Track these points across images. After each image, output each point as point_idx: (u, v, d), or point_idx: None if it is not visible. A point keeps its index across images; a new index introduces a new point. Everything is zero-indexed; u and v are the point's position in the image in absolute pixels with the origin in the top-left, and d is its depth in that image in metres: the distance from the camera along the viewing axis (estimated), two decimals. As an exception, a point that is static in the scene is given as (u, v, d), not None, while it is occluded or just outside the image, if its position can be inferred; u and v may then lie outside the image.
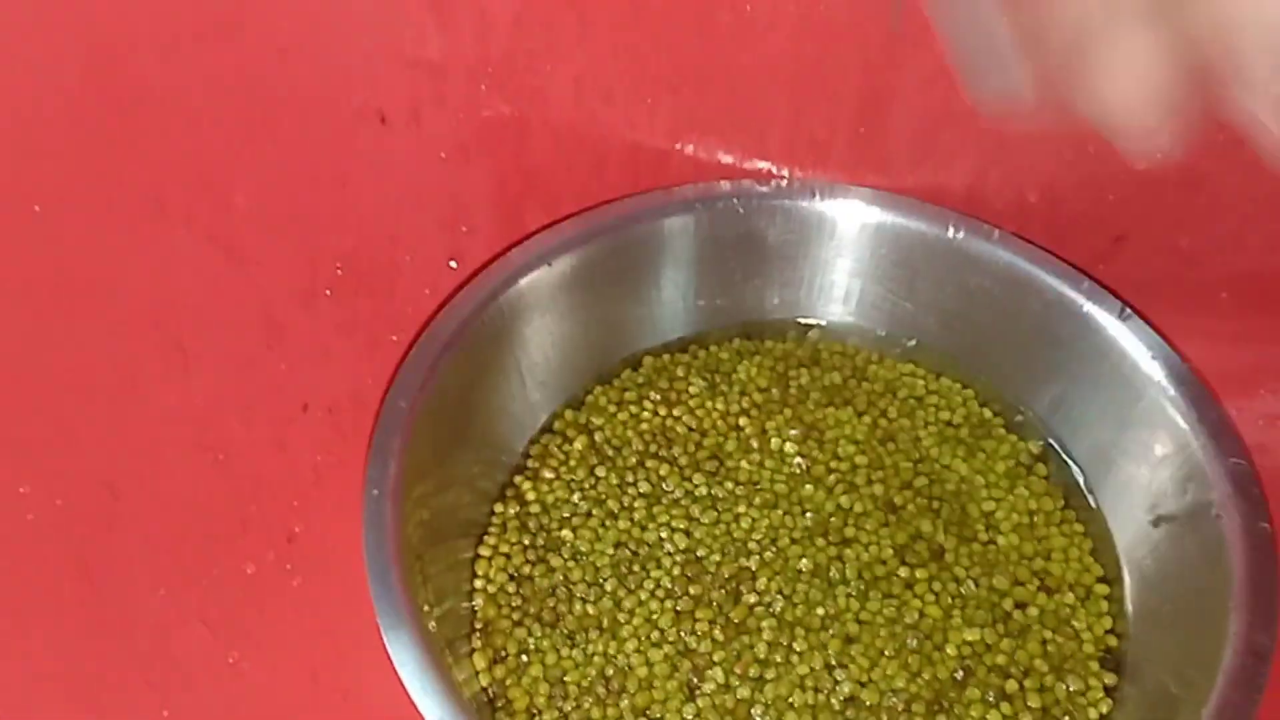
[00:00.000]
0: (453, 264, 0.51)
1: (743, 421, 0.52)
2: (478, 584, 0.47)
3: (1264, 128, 0.30)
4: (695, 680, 0.45)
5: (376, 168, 0.50)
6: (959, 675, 0.45)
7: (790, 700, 0.44)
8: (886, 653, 0.46)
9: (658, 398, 0.53)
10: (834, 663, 0.45)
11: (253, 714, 0.41)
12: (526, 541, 0.48)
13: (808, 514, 0.49)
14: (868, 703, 0.44)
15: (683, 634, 0.46)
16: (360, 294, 0.50)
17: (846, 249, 0.54)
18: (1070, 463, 0.52)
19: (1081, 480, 0.51)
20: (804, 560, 0.48)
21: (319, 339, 0.49)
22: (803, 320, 0.56)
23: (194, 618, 0.43)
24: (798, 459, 0.51)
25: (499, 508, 0.49)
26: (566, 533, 0.48)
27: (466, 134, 0.50)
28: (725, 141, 0.53)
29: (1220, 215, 0.52)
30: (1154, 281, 0.52)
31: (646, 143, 0.52)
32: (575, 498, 0.49)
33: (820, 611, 0.46)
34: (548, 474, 0.50)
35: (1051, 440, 0.52)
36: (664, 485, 0.50)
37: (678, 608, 0.46)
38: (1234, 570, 0.43)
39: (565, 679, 0.45)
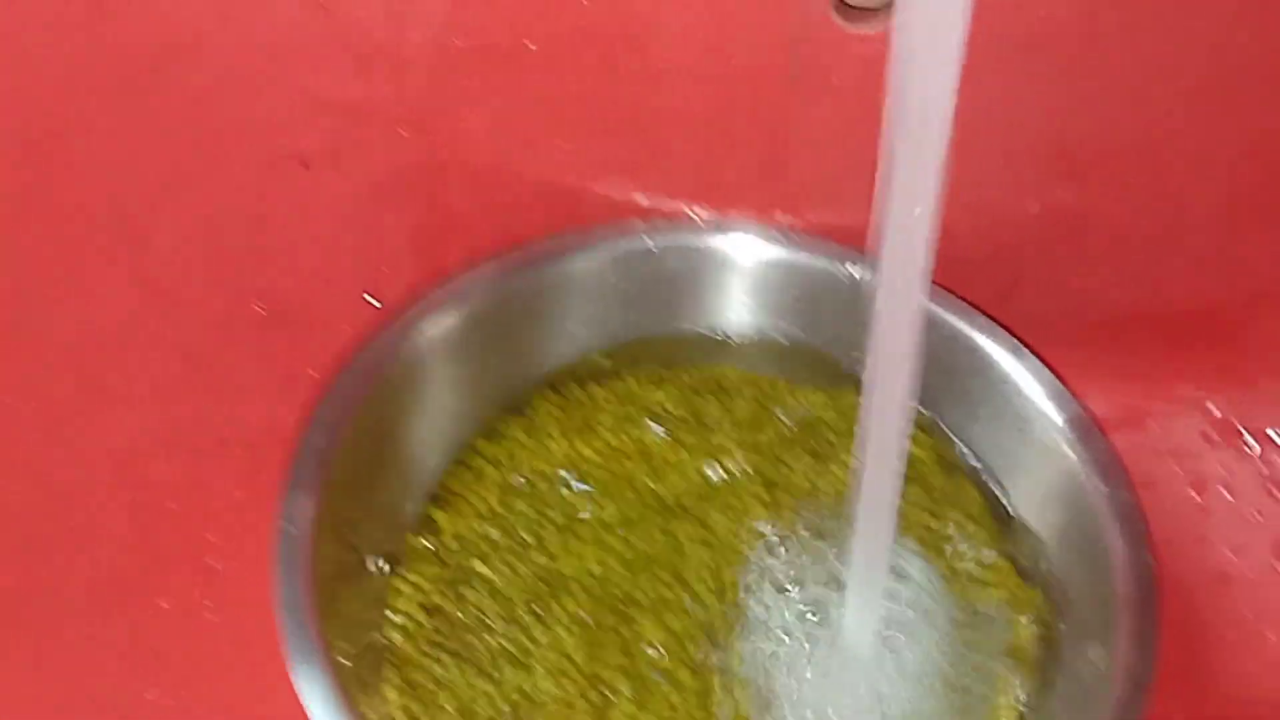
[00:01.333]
0: (372, 301, 0.52)
1: (655, 447, 0.54)
2: (391, 616, 0.48)
3: None
4: (606, 711, 0.46)
5: (295, 208, 0.51)
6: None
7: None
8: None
9: (571, 428, 0.54)
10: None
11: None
12: (440, 573, 0.49)
13: (721, 535, 0.51)
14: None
15: (595, 664, 0.47)
16: (279, 331, 0.51)
17: (754, 284, 0.56)
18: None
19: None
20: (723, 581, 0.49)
21: (237, 375, 0.50)
22: (713, 351, 0.58)
23: (110, 653, 0.43)
24: (712, 482, 0.53)
25: (413, 539, 0.50)
26: (479, 564, 0.50)
27: (385, 176, 0.51)
28: (638, 182, 0.54)
29: (1111, 257, 0.55)
30: (1048, 320, 0.55)
31: (562, 184, 0.54)
32: (489, 529, 0.51)
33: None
34: (463, 506, 0.51)
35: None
36: (578, 515, 0.51)
37: (590, 638, 0.48)
38: (1117, 600, 0.45)
39: (476, 711, 0.46)
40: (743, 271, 0.56)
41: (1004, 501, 0.53)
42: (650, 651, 0.48)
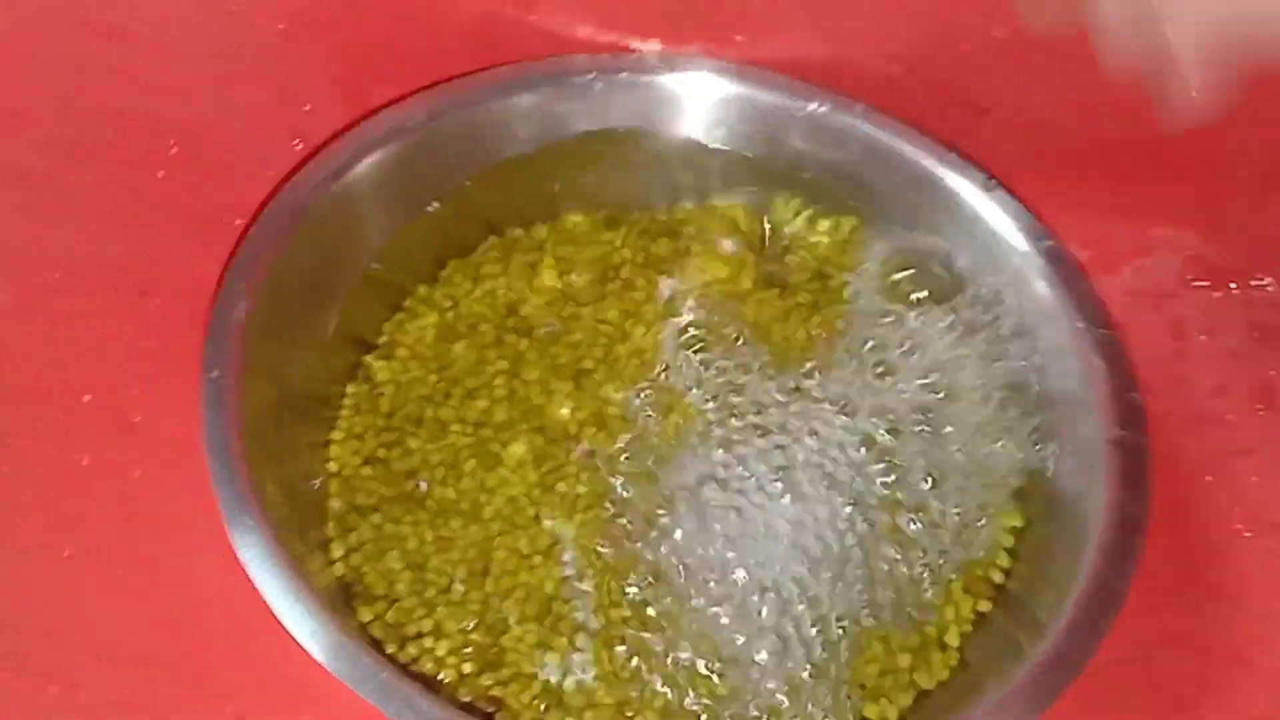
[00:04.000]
0: (297, 144, 0.49)
1: (607, 289, 0.51)
2: (330, 468, 0.45)
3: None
4: (560, 552, 0.44)
5: (208, 41, 0.47)
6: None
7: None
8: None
9: (515, 271, 0.51)
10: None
11: (91, 609, 0.39)
12: (381, 424, 0.46)
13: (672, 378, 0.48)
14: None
15: (549, 508, 0.45)
16: (197, 174, 0.47)
17: (708, 122, 0.52)
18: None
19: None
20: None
21: (154, 223, 0.46)
22: (666, 191, 0.54)
23: (26, 510, 0.40)
24: (663, 324, 0.50)
25: (351, 388, 0.47)
26: (427, 411, 0.47)
27: (305, 4, 0.47)
28: (579, 14, 0.51)
29: (1083, 85, 0.52)
30: (1020, 154, 0.52)
31: (497, 14, 0.50)
32: (432, 377, 0.48)
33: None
34: (402, 352, 0.48)
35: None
36: (524, 358, 0.48)
37: (542, 482, 0.45)
38: (1105, 439, 0.44)
39: (426, 565, 0.43)
40: (695, 110, 0.52)
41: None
42: (609, 498, 0.45)
